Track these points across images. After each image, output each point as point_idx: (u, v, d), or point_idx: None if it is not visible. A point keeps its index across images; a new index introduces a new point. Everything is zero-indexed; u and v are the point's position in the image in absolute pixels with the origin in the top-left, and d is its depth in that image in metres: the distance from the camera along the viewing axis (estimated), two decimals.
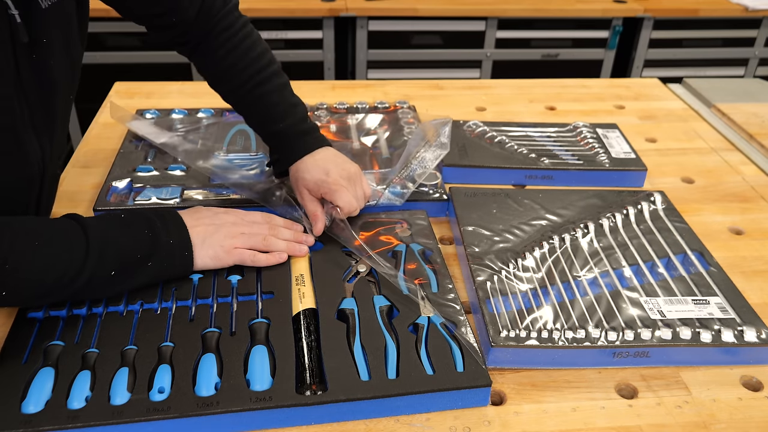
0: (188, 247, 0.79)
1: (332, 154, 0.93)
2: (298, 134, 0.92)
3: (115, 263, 0.72)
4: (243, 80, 0.91)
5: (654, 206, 0.97)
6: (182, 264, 0.78)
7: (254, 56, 0.92)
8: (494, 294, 0.79)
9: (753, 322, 0.76)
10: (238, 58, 0.90)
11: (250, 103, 0.93)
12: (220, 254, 0.80)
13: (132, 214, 0.78)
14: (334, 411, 0.66)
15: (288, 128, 0.92)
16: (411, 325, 0.75)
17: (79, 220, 0.74)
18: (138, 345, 0.71)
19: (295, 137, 0.92)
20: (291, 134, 0.92)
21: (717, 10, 2.58)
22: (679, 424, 0.68)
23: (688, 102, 1.41)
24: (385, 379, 0.68)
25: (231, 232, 0.82)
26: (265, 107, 0.92)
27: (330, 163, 0.91)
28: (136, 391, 0.66)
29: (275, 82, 0.93)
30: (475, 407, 0.68)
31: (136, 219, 0.77)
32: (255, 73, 0.91)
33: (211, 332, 0.73)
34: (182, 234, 0.79)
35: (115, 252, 0.73)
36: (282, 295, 0.79)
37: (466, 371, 0.69)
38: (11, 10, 0.67)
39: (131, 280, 0.75)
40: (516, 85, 1.47)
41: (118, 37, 2.35)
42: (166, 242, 0.77)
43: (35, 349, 0.70)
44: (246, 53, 0.91)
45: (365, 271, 0.83)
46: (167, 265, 0.77)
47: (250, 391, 0.66)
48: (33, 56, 0.71)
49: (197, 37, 0.90)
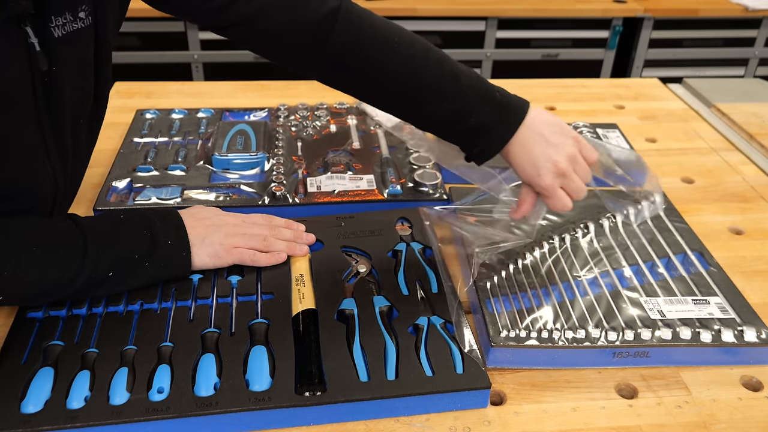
0: (186, 248, 0.78)
1: (539, 127, 0.80)
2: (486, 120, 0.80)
3: (112, 264, 0.73)
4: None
5: (654, 206, 0.97)
6: (181, 265, 0.78)
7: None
8: (494, 294, 0.79)
9: (753, 322, 0.76)
10: None
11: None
12: (220, 253, 0.80)
13: (131, 214, 0.78)
14: (332, 412, 0.66)
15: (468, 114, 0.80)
16: (411, 326, 0.75)
17: (77, 220, 0.74)
18: (137, 345, 0.71)
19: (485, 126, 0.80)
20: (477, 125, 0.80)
21: (717, 10, 2.58)
22: (679, 424, 0.68)
23: (688, 102, 1.41)
24: (385, 380, 0.68)
25: (231, 232, 0.82)
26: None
27: (538, 147, 0.80)
28: (136, 391, 0.66)
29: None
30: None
31: (135, 219, 0.77)
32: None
33: (210, 332, 0.73)
34: (181, 234, 0.79)
35: (113, 253, 0.73)
36: (282, 295, 0.79)
37: (465, 373, 0.69)
38: (31, 38, 0.68)
39: (130, 280, 0.75)
40: (516, 85, 1.46)
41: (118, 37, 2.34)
42: (165, 243, 0.77)
43: (35, 349, 0.70)
44: None
45: (365, 271, 0.83)
46: (165, 266, 0.77)
47: (249, 392, 0.66)
48: (46, 83, 0.72)
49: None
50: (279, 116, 1.21)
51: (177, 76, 2.38)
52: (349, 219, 0.91)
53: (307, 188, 0.99)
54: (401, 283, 0.81)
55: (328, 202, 0.97)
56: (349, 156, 1.09)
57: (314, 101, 1.27)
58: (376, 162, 1.07)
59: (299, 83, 1.41)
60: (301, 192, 0.98)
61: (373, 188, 1.00)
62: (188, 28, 2.32)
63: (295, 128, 1.17)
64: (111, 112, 1.27)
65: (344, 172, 1.04)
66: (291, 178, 1.01)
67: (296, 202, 0.96)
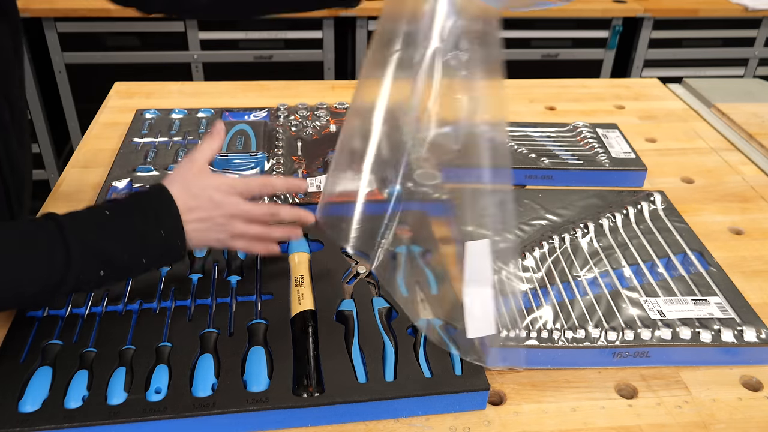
0: (181, 237, 0.71)
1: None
2: None
3: (101, 264, 0.67)
4: None
5: (654, 206, 0.97)
6: (176, 254, 0.73)
7: None
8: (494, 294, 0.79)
9: (753, 322, 0.76)
10: None
11: None
12: (214, 245, 0.76)
13: (118, 207, 0.71)
14: (330, 413, 0.66)
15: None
16: (410, 327, 0.75)
17: (57, 221, 0.67)
18: (136, 345, 0.71)
19: None
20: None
21: (717, 10, 2.57)
22: (679, 424, 0.68)
23: (688, 102, 1.41)
24: (383, 381, 0.68)
25: (227, 230, 0.75)
26: None
27: None
28: (133, 391, 0.65)
29: None
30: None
31: (122, 212, 0.70)
32: None
33: (209, 333, 0.73)
34: (175, 224, 0.71)
35: (101, 254, 0.67)
36: (281, 296, 0.78)
37: (464, 374, 0.69)
38: None
39: (125, 275, 0.73)
40: (516, 85, 1.47)
41: (118, 37, 2.34)
42: (157, 236, 0.70)
43: (33, 348, 0.70)
44: None
45: (365, 272, 0.83)
46: (160, 257, 0.72)
47: (246, 393, 0.66)
48: None
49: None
50: (279, 116, 1.21)
51: (177, 76, 2.37)
52: None
53: (307, 188, 0.99)
54: (401, 284, 0.80)
55: None
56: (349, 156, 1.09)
57: (314, 101, 1.27)
58: None
59: (299, 83, 1.41)
60: (301, 192, 0.98)
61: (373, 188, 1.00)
62: (188, 28, 2.32)
63: (295, 128, 1.17)
64: (111, 112, 1.28)
65: None
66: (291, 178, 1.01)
67: (296, 202, 0.96)
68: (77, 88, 2.38)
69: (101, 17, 2.22)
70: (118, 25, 2.29)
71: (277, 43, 2.43)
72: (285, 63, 2.44)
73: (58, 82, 2.36)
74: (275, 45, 2.42)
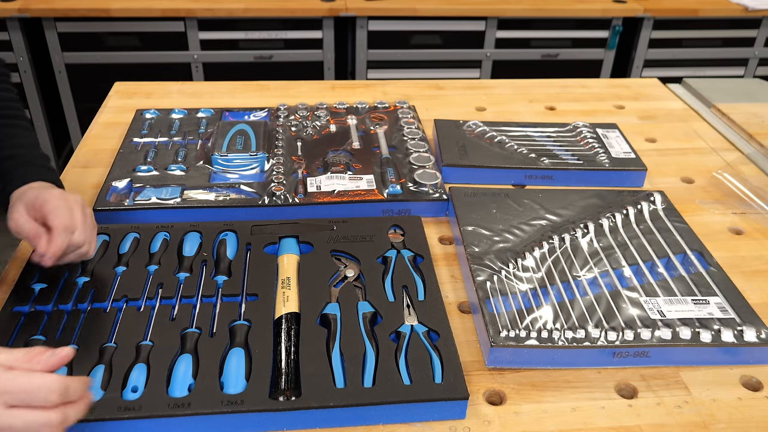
0: None
1: None
2: None
3: None
4: None
5: (654, 206, 0.97)
6: None
7: None
8: (494, 294, 0.79)
9: (753, 322, 0.76)
10: None
11: None
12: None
13: None
14: (306, 417, 0.65)
15: None
16: (393, 333, 0.74)
17: None
18: (117, 342, 0.71)
19: None
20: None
21: (717, 10, 2.57)
22: (679, 424, 0.68)
23: (688, 102, 1.41)
24: (361, 387, 0.67)
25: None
26: None
27: None
28: (110, 390, 0.65)
29: None
30: (475, 407, 0.68)
31: None
32: None
33: (190, 332, 0.72)
34: None
35: None
36: (266, 297, 0.78)
37: (444, 383, 0.67)
38: None
39: None
40: (516, 85, 1.47)
41: (118, 37, 2.34)
42: None
43: (17, 344, 0.70)
44: None
45: (353, 276, 0.82)
46: None
47: (222, 394, 0.65)
48: None
49: None
50: (279, 116, 1.21)
51: (177, 76, 2.37)
52: (342, 223, 0.91)
53: (307, 188, 0.99)
54: (388, 290, 0.80)
55: (327, 201, 0.97)
56: (349, 156, 1.09)
57: (314, 101, 1.27)
58: (375, 162, 1.07)
59: (299, 83, 1.41)
60: (301, 192, 0.98)
61: (372, 188, 1.00)
62: (188, 28, 2.32)
63: (295, 128, 1.17)
64: (111, 112, 1.28)
65: (344, 172, 1.04)
66: (291, 178, 1.01)
67: (296, 202, 0.96)
68: (77, 88, 2.38)
69: (101, 17, 2.22)
70: (118, 25, 2.29)
71: (277, 43, 2.43)
72: (285, 63, 2.45)
73: (58, 82, 2.36)
74: (275, 45, 2.42)
